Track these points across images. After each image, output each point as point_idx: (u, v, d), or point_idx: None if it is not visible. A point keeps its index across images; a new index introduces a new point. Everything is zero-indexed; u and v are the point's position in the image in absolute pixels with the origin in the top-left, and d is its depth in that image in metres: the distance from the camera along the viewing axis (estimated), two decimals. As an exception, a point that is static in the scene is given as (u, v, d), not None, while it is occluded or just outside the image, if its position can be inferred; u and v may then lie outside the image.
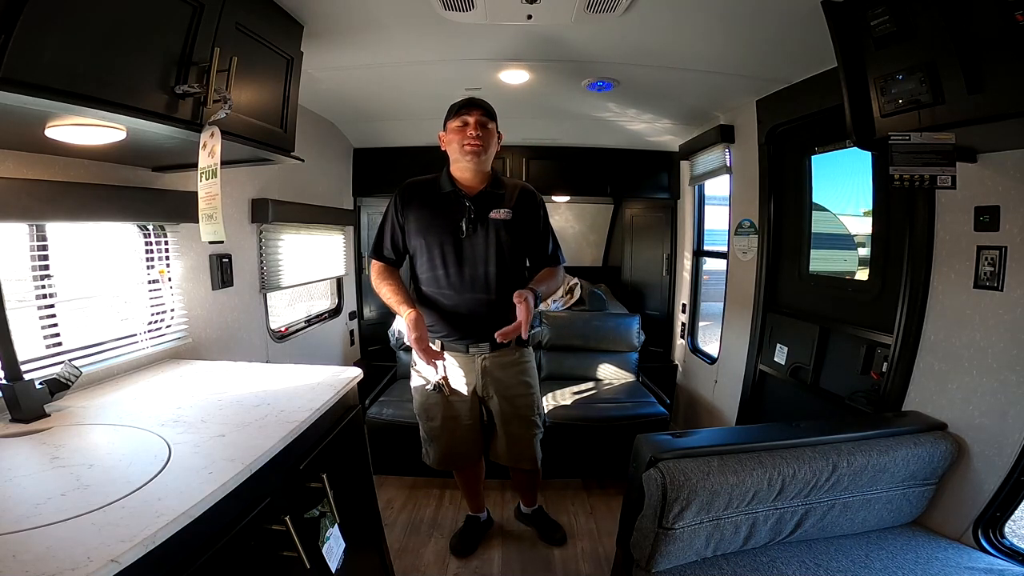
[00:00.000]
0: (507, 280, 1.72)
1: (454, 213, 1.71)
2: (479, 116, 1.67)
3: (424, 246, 1.73)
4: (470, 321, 1.74)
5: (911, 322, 1.64)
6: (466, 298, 1.72)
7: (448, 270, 1.72)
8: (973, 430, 1.46)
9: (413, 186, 1.79)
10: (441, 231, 1.71)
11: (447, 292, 1.73)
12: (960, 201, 1.49)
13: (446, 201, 1.73)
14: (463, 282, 1.72)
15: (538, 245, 1.83)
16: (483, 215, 1.71)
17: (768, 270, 2.47)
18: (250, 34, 1.39)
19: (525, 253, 1.82)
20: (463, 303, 1.73)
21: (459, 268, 1.71)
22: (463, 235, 1.69)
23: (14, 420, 1.19)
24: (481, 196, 1.72)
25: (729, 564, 1.37)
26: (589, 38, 1.85)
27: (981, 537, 1.43)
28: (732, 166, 2.76)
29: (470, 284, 1.71)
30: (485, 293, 1.72)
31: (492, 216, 1.71)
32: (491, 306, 1.72)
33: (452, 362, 1.81)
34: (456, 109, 1.70)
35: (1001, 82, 1.06)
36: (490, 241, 1.70)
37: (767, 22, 1.66)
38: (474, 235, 1.70)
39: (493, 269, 1.71)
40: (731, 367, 2.76)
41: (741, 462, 1.34)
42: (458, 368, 1.82)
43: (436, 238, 1.71)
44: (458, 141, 1.68)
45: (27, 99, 0.87)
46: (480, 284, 1.71)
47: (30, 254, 1.39)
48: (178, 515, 0.80)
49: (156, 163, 1.67)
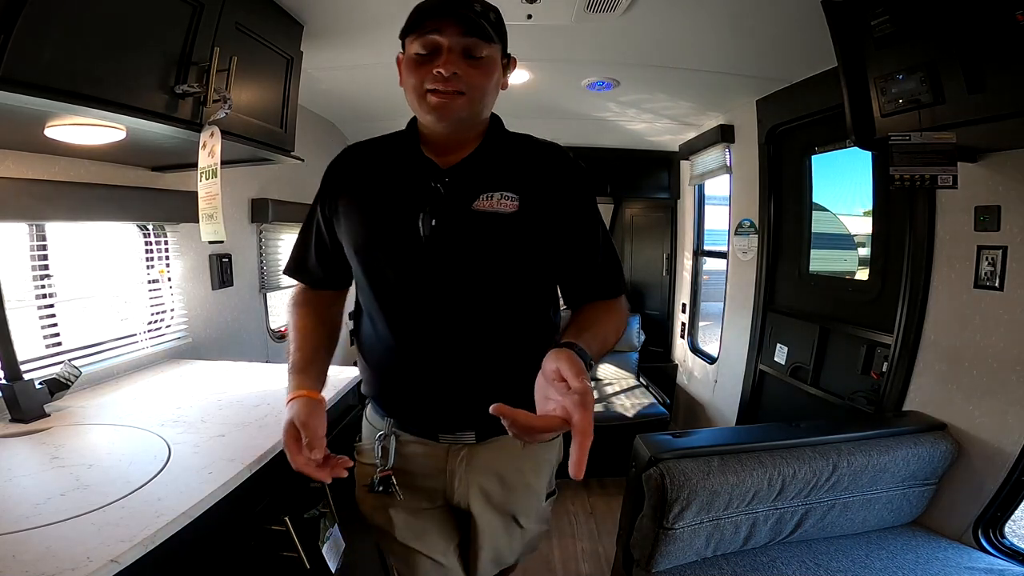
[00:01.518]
0: (510, 322, 0.95)
1: (410, 200, 0.92)
2: (458, 37, 0.84)
3: (359, 261, 0.96)
4: (439, 393, 0.96)
5: (911, 322, 1.64)
6: (429, 353, 0.94)
7: (394, 303, 0.95)
8: (973, 430, 1.46)
9: (351, 155, 1.02)
10: (385, 233, 0.93)
11: (392, 341, 0.96)
12: (960, 201, 1.49)
13: (400, 179, 0.95)
14: (423, 324, 0.93)
15: (580, 258, 0.97)
16: (463, 204, 0.90)
17: (768, 270, 2.47)
18: (250, 34, 1.39)
19: (549, 273, 0.98)
20: (425, 361, 0.95)
21: (415, 299, 0.93)
22: (422, 239, 0.90)
23: (14, 420, 1.19)
24: (462, 170, 0.92)
25: (729, 564, 1.37)
26: (589, 38, 1.84)
27: (981, 537, 1.43)
28: (732, 166, 2.76)
29: (437, 327, 0.93)
30: (466, 344, 0.94)
31: (479, 207, 0.90)
32: (479, 368, 0.94)
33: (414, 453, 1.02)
34: (419, 17, 0.85)
35: (1001, 82, 1.05)
36: (475, 251, 0.91)
37: (767, 22, 1.65)
38: (443, 239, 0.90)
39: (481, 301, 0.92)
40: (731, 367, 2.76)
41: (741, 462, 1.34)
42: (420, 463, 1.02)
43: (377, 246, 0.93)
44: (415, 85, 0.86)
45: (27, 99, 0.87)
46: (456, 328, 0.93)
47: (30, 254, 1.39)
48: (178, 515, 0.80)
49: (156, 163, 1.67)
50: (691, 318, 3.36)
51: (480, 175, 0.92)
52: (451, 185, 0.92)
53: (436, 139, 0.94)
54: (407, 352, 0.96)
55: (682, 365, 3.43)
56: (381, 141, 1.01)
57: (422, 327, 0.94)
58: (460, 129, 0.91)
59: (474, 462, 1.01)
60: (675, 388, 3.42)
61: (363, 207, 0.95)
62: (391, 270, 0.93)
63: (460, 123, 0.89)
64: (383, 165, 0.97)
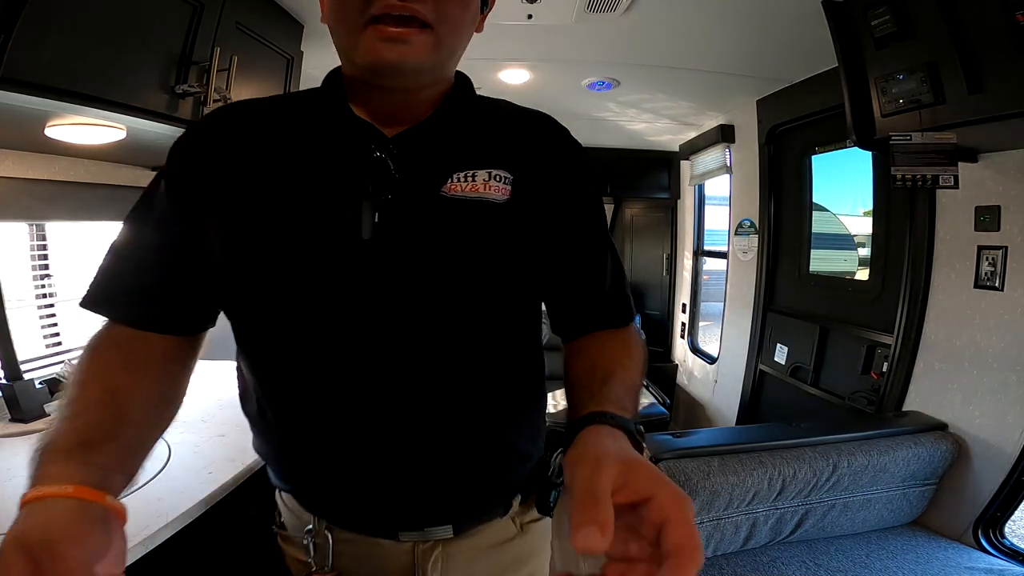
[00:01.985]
0: (495, 363, 0.64)
1: (340, 181, 0.57)
2: None
3: (254, 281, 0.57)
4: (395, 478, 0.62)
5: (911, 322, 1.64)
6: (380, 418, 0.59)
7: (318, 345, 0.58)
8: (973, 430, 1.46)
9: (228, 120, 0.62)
10: (301, 234, 0.56)
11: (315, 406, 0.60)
12: (961, 201, 1.49)
13: (321, 150, 0.58)
14: (368, 374, 0.58)
15: (585, 271, 0.67)
16: (426, 186, 0.58)
17: (768, 270, 2.47)
18: (250, 33, 1.39)
19: (540, 291, 0.68)
20: (373, 433, 0.60)
21: (353, 336, 0.57)
22: (363, 242, 0.56)
23: (14, 420, 1.19)
24: (420, 137, 0.59)
25: (729, 564, 1.37)
26: (589, 38, 1.84)
27: (981, 537, 1.43)
28: (732, 166, 2.76)
29: (390, 378, 0.58)
30: (435, 400, 0.60)
31: (452, 190, 0.58)
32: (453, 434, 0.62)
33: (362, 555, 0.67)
34: None
35: (1001, 82, 1.05)
36: (449, 259, 0.58)
37: (767, 22, 1.65)
38: (397, 242, 0.56)
39: (456, 334, 0.60)
40: (731, 367, 2.76)
41: (741, 462, 1.34)
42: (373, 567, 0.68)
43: (288, 255, 0.56)
44: (350, 14, 0.51)
45: (27, 98, 0.87)
46: (419, 377, 0.59)
47: (30, 254, 1.39)
48: (178, 515, 0.80)
49: (156, 163, 1.67)
50: (691, 318, 3.36)
51: (450, 144, 0.59)
52: (405, 158, 0.57)
53: (373, 101, 0.58)
54: (343, 420, 0.59)
55: (682, 365, 3.43)
56: (278, 101, 0.65)
57: (367, 379, 0.57)
58: (414, 85, 0.56)
59: (453, 563, 0.67)
60: (675, 388, 3.42)
61: (260, 195, 0.55)
62: (312, 292, 0.55)
63: (417, 75, 0.54)
64: (288, 132, 0.58)
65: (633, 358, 0.64)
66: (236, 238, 0.56)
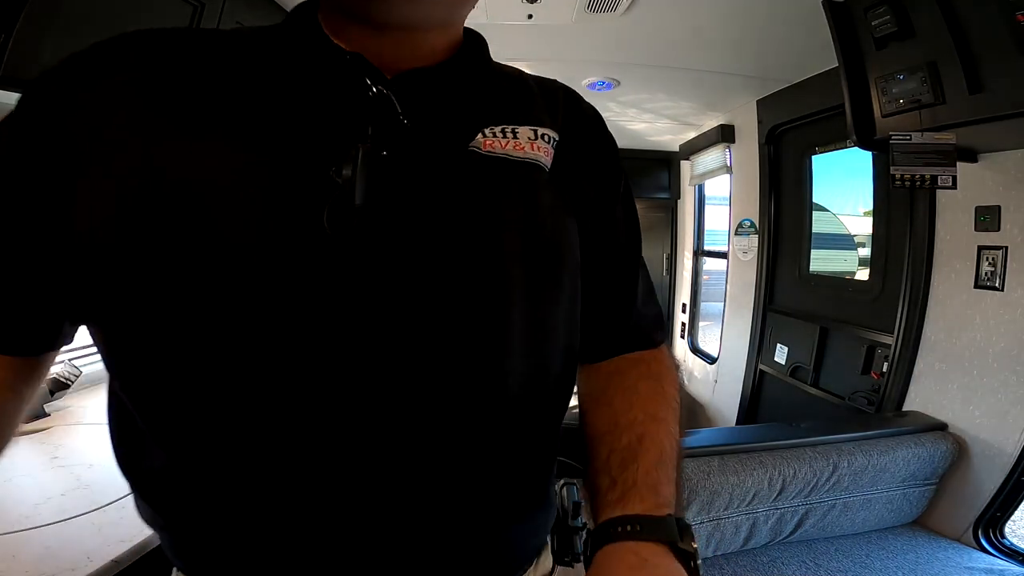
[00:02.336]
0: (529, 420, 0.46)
1: (321, 124, 0.38)
2: None
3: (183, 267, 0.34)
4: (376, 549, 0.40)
5: (911, 322, 1.64)
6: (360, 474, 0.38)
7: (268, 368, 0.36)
8: (973, 430, 1.46)
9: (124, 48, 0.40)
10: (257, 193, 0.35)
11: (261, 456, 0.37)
12: (961, 201, 1.49)
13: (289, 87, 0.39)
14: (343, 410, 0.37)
15: (614, 274, 0.54)
16: (447, 136, 0.41)
17: (768, 270, 2.47)
18: (250, 33, 1.39)
19: None
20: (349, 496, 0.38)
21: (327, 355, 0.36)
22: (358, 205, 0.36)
23: (14, 420, 1.19)
24: (432, 78, 0.41)
25: (729, 564, 1.37)
26: (589, 38, 1.84)
27: (981, 537, 1.43)
28: (732, 166, 2.76)
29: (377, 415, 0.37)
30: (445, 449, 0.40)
31: (487, 145, 0.41)
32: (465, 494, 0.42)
33: None
34: None
35: (1001, 82, 1.05)
36: (486, 239, 0.39)
37: (767, 22, 1.65)
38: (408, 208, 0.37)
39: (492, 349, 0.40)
40: (731, 367, 2.76)
41: (741, 462, 1.33)
42: None
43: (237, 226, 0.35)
44: None
45: (27, 98, 0.87)
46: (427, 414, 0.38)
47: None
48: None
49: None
50: (691, 318, 3.37)
51: (476, 93, 0.45)
52: (414, 101, 0.40)
53: (363, 41, 0.40)
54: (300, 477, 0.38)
55: (682, 365, 3.43)
56: (216, 35, 0.45)
57: (346, 420, 0.38)
58: (423, 20, 0.40)
59: None
60: (675, 388, 3.42)
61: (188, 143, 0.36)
62: (269, 285, 0.36)
63: (433, 10, 0.39)
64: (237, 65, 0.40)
65: (669, 402, 0.50)
66: (140, 205, 0.34)
